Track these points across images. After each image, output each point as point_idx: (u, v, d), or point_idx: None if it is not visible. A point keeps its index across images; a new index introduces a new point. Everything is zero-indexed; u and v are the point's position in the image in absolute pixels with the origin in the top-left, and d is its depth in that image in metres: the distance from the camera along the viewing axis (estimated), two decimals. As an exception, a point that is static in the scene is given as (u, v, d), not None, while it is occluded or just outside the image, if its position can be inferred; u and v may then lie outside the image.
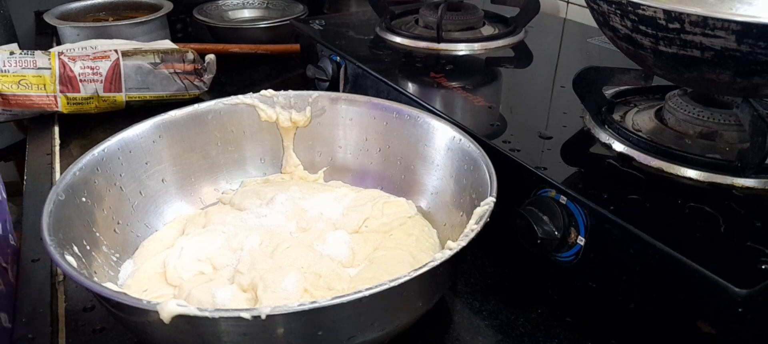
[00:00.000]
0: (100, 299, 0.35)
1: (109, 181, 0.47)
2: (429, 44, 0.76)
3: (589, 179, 0.45)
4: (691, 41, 0.40)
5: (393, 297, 0.34)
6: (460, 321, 0.45)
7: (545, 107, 0.59)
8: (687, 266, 0.35)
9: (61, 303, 0.46)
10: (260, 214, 0.49)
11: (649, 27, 0.42)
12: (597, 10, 0.47)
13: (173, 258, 0.45)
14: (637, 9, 0.42)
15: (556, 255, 0.44)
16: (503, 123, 0.54)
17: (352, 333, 0.35)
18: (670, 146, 0.46)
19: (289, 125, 0.57)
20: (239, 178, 0.57)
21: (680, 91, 0.52)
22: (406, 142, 0.54)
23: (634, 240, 0.38)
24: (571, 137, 0.51)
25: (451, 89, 0.62)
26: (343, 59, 0.72)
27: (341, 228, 0.48)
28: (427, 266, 0.34)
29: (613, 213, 0.39)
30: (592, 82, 0.52)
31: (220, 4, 1.09)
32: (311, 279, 0.42)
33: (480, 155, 0.46)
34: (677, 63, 0.43)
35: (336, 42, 0.77)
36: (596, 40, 0.79)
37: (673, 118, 0.51)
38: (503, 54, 0.75)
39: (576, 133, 0.52)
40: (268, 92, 0.57)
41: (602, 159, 0.48)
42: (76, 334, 0.43)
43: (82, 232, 0.42)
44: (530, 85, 0.67)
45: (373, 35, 0.80)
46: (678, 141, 0.49)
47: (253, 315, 0.30)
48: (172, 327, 0.31)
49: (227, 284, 0.42)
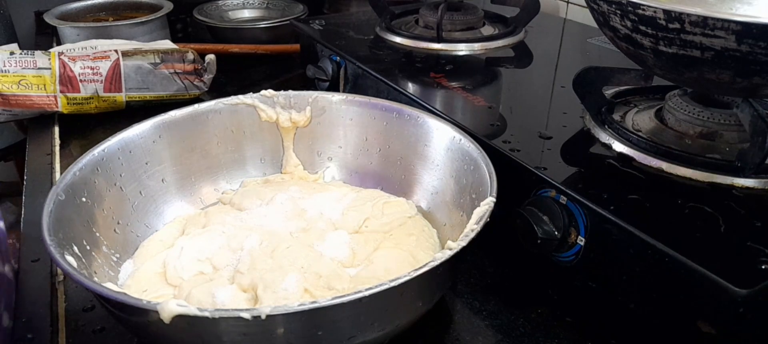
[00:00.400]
0: (100, 299, 0.35)
1: (109, 181, 0.47)
2: (429, 44, 0.76)
3: (589, 179, 0.45)
4: (691, 41, 0.40)
5: (393, 297, 0.34)
6: (460, 321, 0.45)
7: (545, 107, 0.58)
8: (687, 266, 0.35)
9: (61, 303, 0.46)
10: (260, 214, 0.49)
11: (649, 27, 0.42)
12: (597, 10, 0.47)
13: (173, 258, 0.45)
14: (637, 9, 0.42)
15: (556, 255, 0.44)
16: (503, 123, 0.54)
17: (353, 333, 0.35)
18: (670, 146, 0.46)
19: (289, 125, 0.57)
20: (239, 178, 0.57)
21: (680, 91, 0.52)
22: (406, 142, 0.54)
23: (634, 241, 0.38)
24: (571, 137, 0.51)
25: (451, 89, 0.62)
26: (343, 59, 0.72)
27: (341, 228, 0.48)
28: (427, 266, 0.34)
29: (613, 214, 0.39)
30: (592, 82, 0.52)
31: (220, 4, 1.09)
32: (311, 279, 0.42)
33: (480, 155, 0.46)
34: (677, 63, 0.43)
35: (336, 42, 0.77)
36: (596, 40, 0.79)
37: (673, 118, 0.51)
38: (503, 54, 0.75)
39: (576, 133, 0.52)
40: (268, 92, 0.57)
41: (602, 159, 0.47)
42: (76, 334, 0.43)
43: (82, 232, 0.42)
44: (530, 85, 0.66)
45: (373, 35, 0.80)
46: (678, 141, 0.49)
47: (253, 315, 0.30)
48: (172, 327, 0.31)
49: (227, 284, 0.42)
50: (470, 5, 0.83)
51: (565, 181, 0.44)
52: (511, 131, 0.52)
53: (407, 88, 0.62)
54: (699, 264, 0.34)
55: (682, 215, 0.40)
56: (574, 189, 0.42)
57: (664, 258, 0.36)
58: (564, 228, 0.42)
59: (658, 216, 0.40)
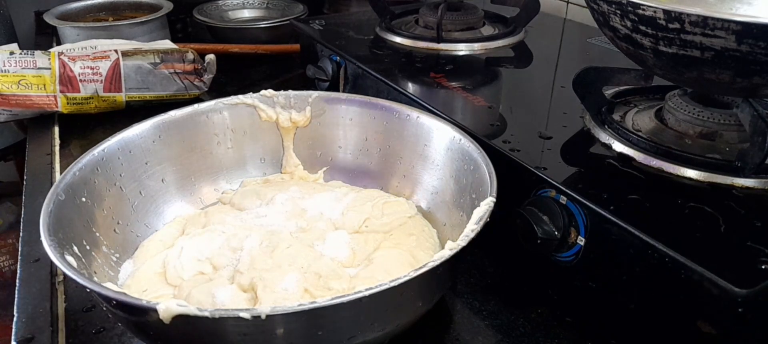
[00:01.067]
0: (100, 299, 0.35)
1: (109, 181, 0.47)
2: (429, 44, 0.75)
3: (589, 179, 0.45)
4: (691, 41, 0.40)
5: (393, 297, 0.34)
6: (460, 321, 0.45)
7: (545, 107, 0.58)
8: (687, 266, 0.35)
9: (61, 303, 0.46)
10: (260, 214, 0.49)
11: (649, 27, 0.42)
12: (597, 10, 0.47)
13: (173, 258, 0.45)
14: (637, 9, 0.42)
15: (556, 255, 0.44)
16: (503, 123, 0.54)
17: (353, 333, 0.35)
18: (670, 146, 0.46)
19: (289, 125, 0.57)
20: (239, 178, 0.57)
21: (680, 91, 0.52)
22: (406, 142, 0.54)
23: (634, 240, 0.38)
24: (571, 137, 0.51)
25: (451, 89, 0.62)
26: (343, 59, 0.72)
27: (341, 228, 0.48)
28: (426, 266, 0.34)
29: (613, 214, 0.39)
30: (592, 82, 0.52)
31: (220, 4, 1.09)
32: (311, 278, 0.42)
33: (480, 155, 0.46)
34: (677, 63, 0.43)
35: (336, 42, 0.76)
36: (596, 40, 0.79)
37: (673, 118, 0.51)
38: (503, 54, 0.75)
39: (576, 133, 0.52)
40: (268, 92, 0.57)
41: (602, 159, 0.47)
42: (76, 334, 0.43)
43: (82, 232, 0.42)
44: (530, 85, 0.66)
45: (373, 35, 0.80)
46: (678, 141, 0.49)
47: (252, 314, 0.30)
48: (172, 327, 0.31)
49: (227, 284, 0.42)
50: (470, 5, 0.83)
51: (565, 181, 0.44)
52: (511, 131, 0.52)
53: (407, 88, 0.62)
54: (699, 264, 0.34)
55: (682, 215, 0.40)
56: (574, 189, 0.42)
57: (664, 258, 0.36)
58: (564, 228, 0.42)
59: (658, 216, 0.40)
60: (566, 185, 0.43)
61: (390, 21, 0.83)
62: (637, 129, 0.51)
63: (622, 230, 0.38)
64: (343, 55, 0.72)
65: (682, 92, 0.52)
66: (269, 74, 0.93)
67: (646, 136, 0.48)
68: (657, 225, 0.38)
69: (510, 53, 0.76)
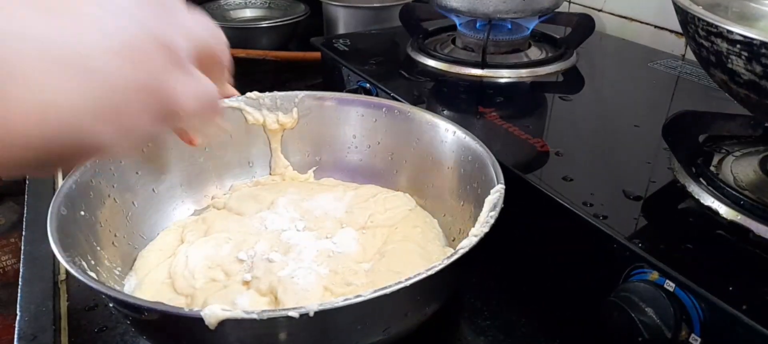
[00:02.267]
0: (137, 312, 0.33)
1: (104, 192, 0.45)
2: (470, 70, 0.66)
3: (699, 258, 0.36)
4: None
5: (432, 283, 0.34)
6: (462, 321, 0.45)
7: (622, 154, 0.50)
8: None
9: (64, 302, 0.46)
10: (264, 218, 0.49)
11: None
12: (708, 49, 0.38)
13: (180, 266, 0.44)
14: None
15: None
16: (577, 175, 0.46)
17: (388, 324, 0.35)
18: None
19: (276, 127, 0.57)
20: (228, 182, 0.56)
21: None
22: (397, 138, 0.55)
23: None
24: (662, 197, 0.43)
25: (507, 129, 0.53)
26: (373, 86, 0.64)
27: (348, 225, 0.48)
28: (458, 252, 0.34)
29: (746, 314, 0.31)
30: (687, 128, 0.44)
31: (221, 4, 1.07)
32: (329, 276, 0.42)
33: (477, 144, 0.47)
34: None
35: (364, 66, 0.68)
36: (659, 65, 0.69)
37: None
38: (553, 80, 0.67)
39: (666, 190, 0.43)
40: (254, 94, 0.56)
41: (709, 228, 0.38)
42: (79, 333, 0.43)
43: (86, 248, 0.41)
44: (596, 122, 0.57)
45: (404, 56, 0.72)
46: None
47: (300, 313, 0.30)
48: (217, 334, 0.31)
49: (243, 290, 0.42)
50: (517, 23, 0.73)
51: (674, 262, 0.35)
52: (590, 188, 0.43)
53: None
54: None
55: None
56: (686, 274, 0.34)
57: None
58: (675, 325, 0.33)
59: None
60: (675, 267, 0.34)
61: (423, 40, 0.74)
62: (740, 186, 0.41)
63: (756, 334, 0.30)
64: (374, 83, 0.64)
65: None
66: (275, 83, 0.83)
67: (754, 197, 0.39)
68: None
69: (561, 79, 0.67)
